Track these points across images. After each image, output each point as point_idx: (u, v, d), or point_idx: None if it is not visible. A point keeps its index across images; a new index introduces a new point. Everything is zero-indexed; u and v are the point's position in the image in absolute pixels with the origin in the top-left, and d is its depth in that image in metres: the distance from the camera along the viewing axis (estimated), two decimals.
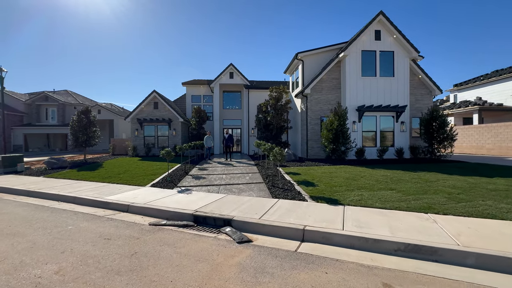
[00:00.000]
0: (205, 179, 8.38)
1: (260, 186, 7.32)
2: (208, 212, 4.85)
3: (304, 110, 14.05)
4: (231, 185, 7.53)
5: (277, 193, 6.31)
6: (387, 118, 13.19)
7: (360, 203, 5.29)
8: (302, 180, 7.74)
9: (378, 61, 12.99)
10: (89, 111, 15.02)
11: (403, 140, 13.10)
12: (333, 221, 4.26)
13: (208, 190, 6.94)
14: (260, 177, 8.53)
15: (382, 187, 6.60)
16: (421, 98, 13.99)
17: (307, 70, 14.64)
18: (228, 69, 18.93)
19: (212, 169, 10.35)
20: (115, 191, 6.93)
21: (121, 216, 5.03)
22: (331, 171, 9.09)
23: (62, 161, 12.08)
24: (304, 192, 6.34)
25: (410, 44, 12.77)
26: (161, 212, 5.09)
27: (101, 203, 5.90)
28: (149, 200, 5.81)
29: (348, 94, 12.87)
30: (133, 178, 8.73)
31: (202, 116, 18.36)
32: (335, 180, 7.53)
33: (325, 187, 6.76)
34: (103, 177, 9.15)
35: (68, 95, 33.71)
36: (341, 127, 11.28)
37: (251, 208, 5.12)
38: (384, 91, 13.01)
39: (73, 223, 4.53)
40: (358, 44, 12.87)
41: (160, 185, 7.65)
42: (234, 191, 6.74)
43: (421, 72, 13.71)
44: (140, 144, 17.84)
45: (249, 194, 6.44)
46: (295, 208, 5.09)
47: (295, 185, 7.12)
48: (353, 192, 6.17)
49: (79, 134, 14.36)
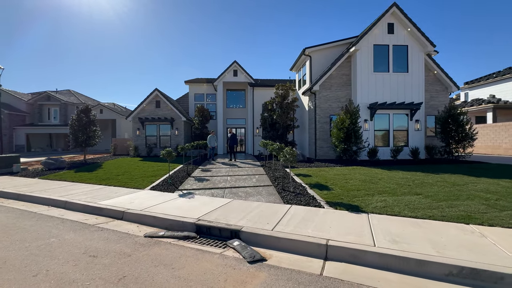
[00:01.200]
0: (209, 182, 7.77)
1: (269, 189, 6.68)
2: (212, 220, 4.23)
3: (312, 108, 13.37)
4: (237, 188, 6.91)
5: (289, 198, 5.67)
6: (401, 116, 12.45)
7: (386, 210, 4.62)
8: (314, 182, 7.08)
9: (391, 55, 12.26)
10: (89, 110, 14.52)
11: (418, 140, 12.34)
12: (360, 233, 3.61)
13: (212, 194, 6.32)
14: (268, 179, 7.89)
15: (406, 191, 5.91)
16: (436, 95, 13.20)
17: (315, 67, 13.95)
18: (232, 66, 18.31)
19: (216, 171, 9.74)
20: (111, 194, 6.35)
21: (114, 225, 4.43)
22: (344, 173, 8.41)
23: (60, 161, 11.58)
24: (319, 197, 5.69)
25: (425, 38, 12.01)
26: (159, 221, 4.49)
27: (93, 209, 5.32)
28: (146, 206, 5.21)
29: (359, 91, 12.16)
30: (131, 180, 8.15)
31: (205, 115, 17.75)
32: (351, 183, 6.85)
33: (341, 191, 6.09)
34: (100, 178, 8.59)
35: (70, 95, 33.46)
36: (353, 126, 10.59)
37: (261, 216, 4.49)
38: (398, 87, 12.27)
39: (57, 234, 3.94)
40: (369, 38, 12.15)
41: (160, 188, 7.05)
42: (241, 195, 6.11)
43: (436, 67, 12.93)
44: (142, 144, 17.31)
45: (258, 198, 5.81)
46: (311, 216, 4.44)
47: (307, 189, 6.47)
48: (374, 197, 5.50)
49: (78, 133, 13.85)
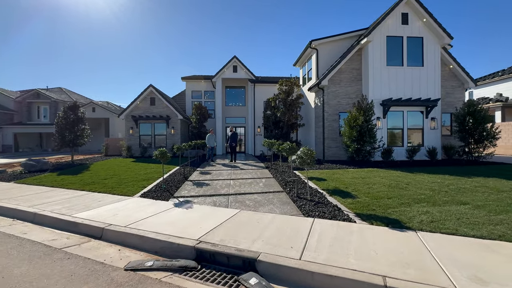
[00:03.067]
0: (209, 186, 6.74)
1: (280, 196, 5.68)
2: (217, 243, 3.22)
3: (320, 105, 12.41)
4: (242, 194, 5.89)
5: (308, 209, 4.67)
6: (415, 113, 11.55)
7: (437, 226, 3.65)
8: (332, 188, 6.10)
9: (405, 48, 11.35)
10: (77, 106, 13.36)
11: (434, 139, 11.45)
12: (422, 264, 2.62)
13: (214, 203, 5.30)
14: (277, 184, 6.89)
15: (447, 199, 4.96)
16: (452, 91, 12.33)
17: (322, 61, 12.99)
18: (231, 62, 17.28)
19: (217, 173, 8.71)
20: (93, 204, 5.29)
21: (88, 249, 3.39)
22: (362, 176, 7.45)
23: (42, 163, 10.44)
24: (345, 207, 4.70)
25: (442, 29, 11.13)
26: (148, 242, 3.46)
27: (67, 224, 4.27)
28: (133, 220, 4.17)
29: (371, 86, 11.22)
30: (120, 185, 7.09)
31: (203, 113, 16.67)
32: (376, 189, 5.89)
33: (368, 199, 5.12)
34: (84, 183, 7.50)
35: (62, 93, 32.08)
36: (367, 124, 9.65)
37: (280, 234, 3.49)
38: (412, 82, 11.37)
39: (5, 264, 2.89)
40: (382, 29, 11.23)
41: (153, 194, 6.00)
42: (249, 204, 5.11)
43: (452, 61, 12.05)
44: (135, 144, 16.18)
45: (270, 209, 4.81)
46: (344, 235, 3.46)
47: (327, 196, 5.49)
48: (412, 207, 4.53)
49: (65, 132, 12.72)
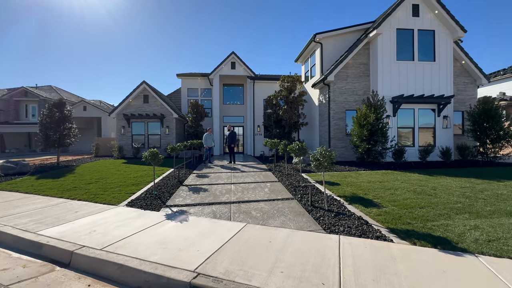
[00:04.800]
0: (207, 193, 5.89)
1: (291, 205, 4.86)
2: (221, 276, 2.38)
3: (325, 102, 11.64)
4: (246, 202, 5.06)
5: (328, 222, 3.86)
6: (427, 111, 10.85)
7: (500, 249, 2.87)
8: (350, 194, 5.31)
9: (416, 42, 10.65)
10: (63, 103, 12.36)
11: (446, 138, 10.77)
12: None
13: (214, 214, 4.46)
14: (285, 189, 6.07)
15: (491, 209, 4.20)
16: (464, 88, 11.68)
17: (326, 56, 12.22)
18: (229, 58, 16.40)
19: (215, 176, 7.86)
20: (68, 215, 4.40)
21: (47, 284, 2.52)
22: (379, 179, 6.69)
23: (22, 165, 9.45)
24: (372, 220, 3.91)
25: (455, 21, 10.46)
26: (128, 273, 2.61)
27: (29, 245, 3.38)
28: (113, 239, 3.31)
29: (380, 82, 10.49)
30: (105, 191, 6.19)
31: (199, 112, 15.77)
32: (400, 195, 5.11)
33: (397, 208, 4.34)
34: (64, 188, 6.58)
35: (52, 91, 30.80)
36: (378, 122, 8.91)
37: (302, 261, 2.66)
38: (424, 78, 10.67)
39: None
40: (392, 21, 10.51)
41: (141, 203, 5.13)
42: (256, 216, 4.27)
43: (464, 56, 11.42)
44: (127, 144, 15.20)
45: (282, 222, 3.98)
46: (385, 262, 2.65)
47: (346, 204, 4.69)
48: (454, 220, 3.75)
49: (49, 131, 11.72)
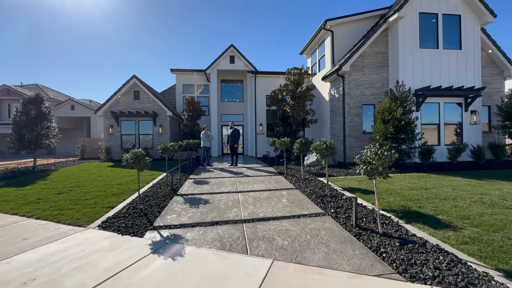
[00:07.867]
0: (209, 206, 4.53)
1: (326, 224, 3.53)
2: None
3: (338, 96, 10.38)
4: (263, 221, 3.72)
5: (395, 257, 2.55)
6: (452, 106, 9.68)
7: None
8: (399, 208, 4.02)
9: (441, 28, 9.48)
10: (40, 99, 10.85)
11: (474, 136, 9.61)
12: None
13: (221, 241, 3.11)
14: (308, 200, 4.74)
15: None
16: (491, 80, 10.56)
17: (337, 45, 10.98)
18: (228, 51, 15.07)
19: (217, 183, 6.49)
20: (9, 246, 3.00)
21: None
22: (421, 185, 5.42)
23: None
24: (461, 252, 2.60)
25: (483, 4, 9.33)
26: None
27: None
28: None
29: (401, 73, 9.27)
30: (76, 204, 4.78)
31: (196, 109, 14.38)
32: (468, 209, 3.84)
33: (483, 231, 3.05)
34: (26, 200, 5.14)
35: (38, 90, 28.94)
36: (405, 117, 7.68)
37: None
38: (449, 69, 9.50)
39: None
40: (414, 4, 9.31)
41: (120, 223, 3.74)
42: (283, 245, 2.94)
43: (491, 44, 10.29)
44: (116, 145, 13.70)
45: (326, 256, 2.65)
46: None
47: (403, 224, 3.40)
48: None
49: (24, 131, 10.21)
